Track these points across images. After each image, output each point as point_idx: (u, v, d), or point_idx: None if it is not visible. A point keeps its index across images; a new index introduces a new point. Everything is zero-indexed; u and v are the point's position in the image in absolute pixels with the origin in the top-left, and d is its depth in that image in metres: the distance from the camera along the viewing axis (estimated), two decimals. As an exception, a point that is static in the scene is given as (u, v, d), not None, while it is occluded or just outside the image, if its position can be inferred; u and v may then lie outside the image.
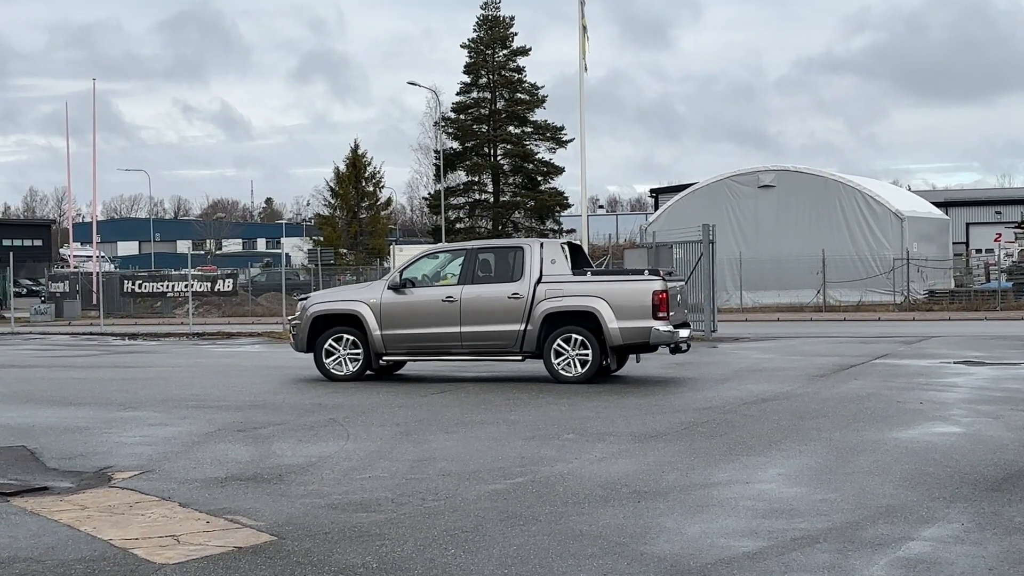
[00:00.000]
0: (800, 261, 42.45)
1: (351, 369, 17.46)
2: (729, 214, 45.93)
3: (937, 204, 58.78)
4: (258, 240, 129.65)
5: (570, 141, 66.19)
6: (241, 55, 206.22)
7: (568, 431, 12.00)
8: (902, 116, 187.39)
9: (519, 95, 67.06)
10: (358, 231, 62.93)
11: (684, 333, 16.92)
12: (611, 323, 16.40)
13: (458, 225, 67.09)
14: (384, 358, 17.50)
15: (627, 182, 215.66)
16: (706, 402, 14.29)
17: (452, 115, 67.88)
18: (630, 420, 12.76)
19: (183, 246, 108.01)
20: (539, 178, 67.20)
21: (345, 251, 62.12)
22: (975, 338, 25.64)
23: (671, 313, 16.53)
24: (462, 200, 68.43)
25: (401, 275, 17.43)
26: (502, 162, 67.15)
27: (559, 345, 16.58)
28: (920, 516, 7.87)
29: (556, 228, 68.33)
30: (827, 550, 7.03)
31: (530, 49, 67.02)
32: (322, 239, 62.58)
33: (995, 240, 60.42)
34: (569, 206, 69.68)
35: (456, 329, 16.92)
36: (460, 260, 17.41)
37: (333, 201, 64.72)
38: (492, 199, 67.37)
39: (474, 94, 67.64)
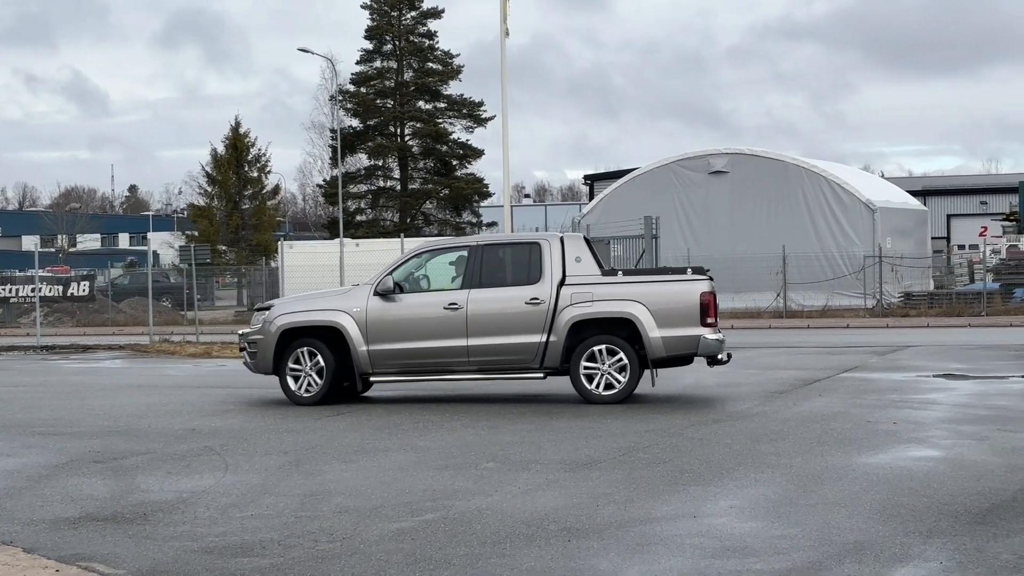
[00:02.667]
0: (757, 259, 42.90)
1: (313, 392, 16.86)
2: (675, 204, 46.32)
3: (914, 193, 59.82)
4: (120, 235, 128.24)
5: (490, 119, 66.30)
6: (96, 15, 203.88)
7: (487, 459, 12.03)
8: (873, 92, 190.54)
9: (430, 65, 67.01)
10: (240, 224, 62.47)
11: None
12: (652, 332, 16.15)
13: (359, 217, 66.89)
14: (372, 378, 16.92)
15: (557, 167, 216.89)
16: (648, 423, 14.40)
17: (351, 88, 67.60)
18: (560, 445, 12.82)
19: (29, 242, 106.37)
20: (454, 162, 67.21)
21: (224, 248, 61.71)
22: (957, 348, 26.13)
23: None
24: (364, 188, 68.19)
25: (390, 278, 16.80)
26: (411, 143, 67.07)
27: (589, 359, 16.30)
28: (893, 554, 8.00)
29: (474, 220, 68.41)
30: (786, 594, 7.12)
31: (443, 11, 67.02)
32: (197, 234, 62.03)
33: (980, 234, 61.65)
34: (490, 195, 69.80)
35: (461, 343, 16.48)
36: (462, 259, 17.02)
37: (210, 189, 64.20)
38: (399, 186, 67.25)
39: (377, 63, 67.45)
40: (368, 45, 67.35)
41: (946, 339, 29.66)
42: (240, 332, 18.22)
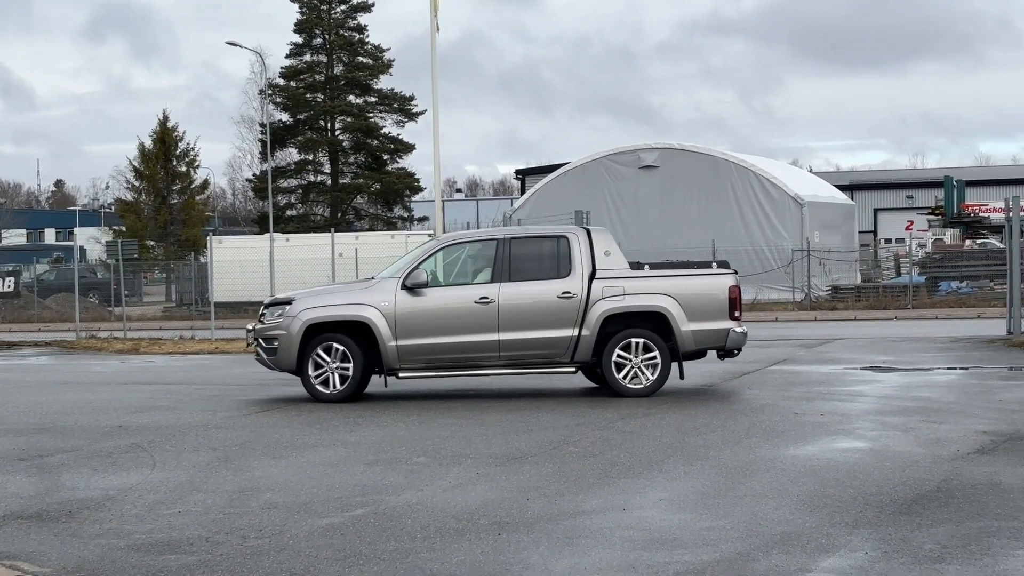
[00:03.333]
0: (687, 253, 43.07)
1: (341, 387, 16.38)
2: (606, 198, 46.51)
3: (842, 187, 60.46)
4: (46, 231, 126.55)
5: (421, 113, 66.12)
6: (21, 7, 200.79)
7: (418, 453, 12.02)
8: (801, 87, 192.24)
9: (361, 59, 66.72)
10: (168, 219, 61.94)
11: None
12: (683, 325, 16.32)
13: (289, 212, 66.48)
14: (400, 375, 16.57)
15: (489, 162, 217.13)
16: (578, 417, 14.45)
17: (281, 82, 67.18)
18: (491, 439, 12.84)
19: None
20: (385, 156, 66.97)
21: (153, 243, 61.17)
22: (884, 340, 26.45)
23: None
24: (294, 182, 67.76)
25: (423, 271, 16.47)
26: (341, 137, 66.74)
27: (620, 353, 16.35)
28: (819, 544, 8.09)
29: (406, 215, 68.25)
30: (714, 585, 7.18)
31: (373, 5, 66.72)
32: (124, 229, 61.43)
33: (906, 228, 62.45)
34: (421, 189, 69.62)
35: (493, 337, 16.30)
36: (490, 252, 16.74)
37: (138, 184, 63.60)
38: (330, 181, 66.92)
39: (307, 57, 67.04)
40: (297, 39, 66.93)
41: (873, 332, 30.01)
42: (249, 327, 17.59)
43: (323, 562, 7.87)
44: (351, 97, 67.04)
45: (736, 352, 16.98)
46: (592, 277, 16.44)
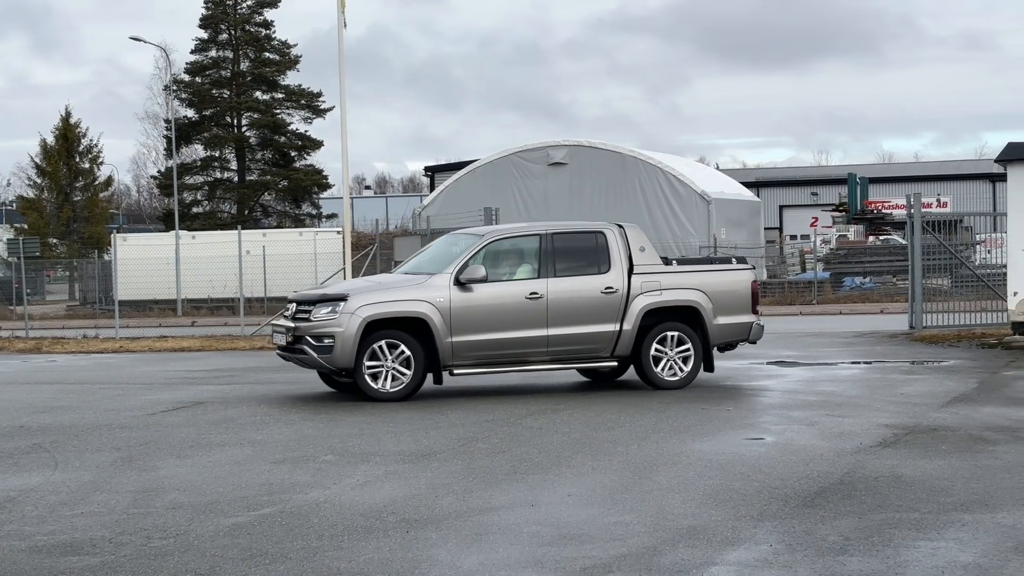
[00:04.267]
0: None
1: (401, 385, 15.96)
2: (516, 195, 46.62)
3: (748, 184, 61.14)
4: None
5: (329, 110, 65.83)
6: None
7: (326, 452, 11.97)
8: (708, 85, 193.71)
9: (267, 55, 66.26)
10: (71, 217, 61.11)
11: None
12: (713, 319, 16.85)
13: (195, 209, 65.86)
14: (455, 371, 16.33)
15: (398, 159, 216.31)
16: (488, 414, 14.47)
17: (186, 77, 66.53)
18: (400, 437, 12.81)
19: None
20: (293, 153, 66.57)
21: (56, 241, 60.28)
22: (789, 335, 26.77)
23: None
24: (200, 179, 67.14)
25: (481, 267, 16.23)
26: (248, 134, 66.23)
27: (657, 346, 16.67)
28: (725, 537, 8.18)
29: (314, 212, 67.88)
30: (621, 580, 7.23)
31: (279, 0, 66.31)
32: (26, 227, 60.49)
33: (811, 225, 63.24)
34: (329, 186, 69.30)
35: (542, 332, 16.33)
36: (533, 247, 16.67)
37: (40, 181, 62.72)
38: (237, 178, 66.38)
39: (213, 52, 66.45)
40: (203, 34, 66.31)
41: (778, 327, 30.33)
42: (278, 323, 16.91)
43: (229, 562, 7.81)
44: (258, 93, 66.57)
45: (733, 347, 17.72)
46: (630, 272, 16.71)
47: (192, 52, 66.58)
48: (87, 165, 63.26)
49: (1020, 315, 22.06)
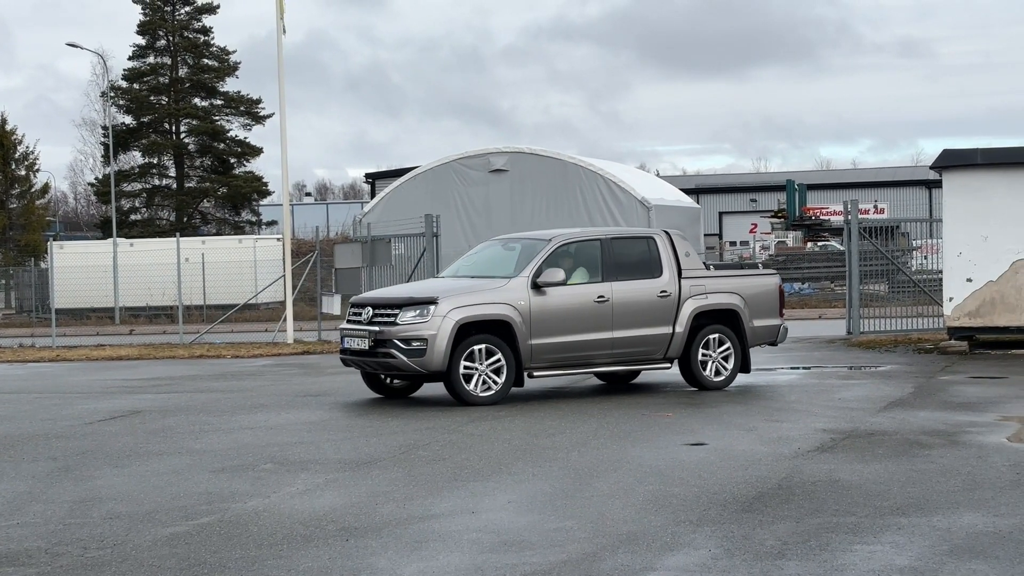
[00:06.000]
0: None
1: (493, 391, 15.91)
2: (457, 202, 46.56)
3: (687, 191, 61.26)
4: None
5: (269, 117, 65.66)
6: None
7: (265, 460, 11.91)
8: (647, 91, 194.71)
9: (206, 61, 65.94)
10: (7, 224, 60.44)
11: None
12: (750, 322, 17.49)
13: (133, 216, 65.46)
14: (535, 373, 16.37)
15: (338, 165, 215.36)
16: (428, 420, 14.45)
17: (124, 84, 66.09)
18: (339, 445, 12.77)
19: None
20: (232, 160, 66.31)
21: (-9, 249, 59.61)
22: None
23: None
24: (138, 186, 66.73)
25: (560, 270, 16.30)
26: (187, 141, 65.87)
27: (703, 349, 17.19)
28: (664, 543, 8.22)
29: (254, 219, 67.58)
30: (561, 586, 7.24)
31: (218, 6, 66.03)
32: (-39, 234, 59.77)
33: (751, 231, 63.81)
34: (269, 193, 69.01)
35: (608, 335, 16.63)
36: (595, 251, 16.93)
37: (-25, 188, 61.96)
38: (175, 185, 65.94)
39: (151, 59, 66.07)
40: (141, 40, 65.93)
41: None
42: (373, 329, 16.00)
43: (167, 572, 7.75)
44: (196, 100, 66.25)
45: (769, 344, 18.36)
46: (680, 276, 17.15)
47: (130, 58, 66.20)
48: (23, 172, 62.67)
49: (956, 320, 22.32)
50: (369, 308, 16.42)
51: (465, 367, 15.81)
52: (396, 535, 8.61)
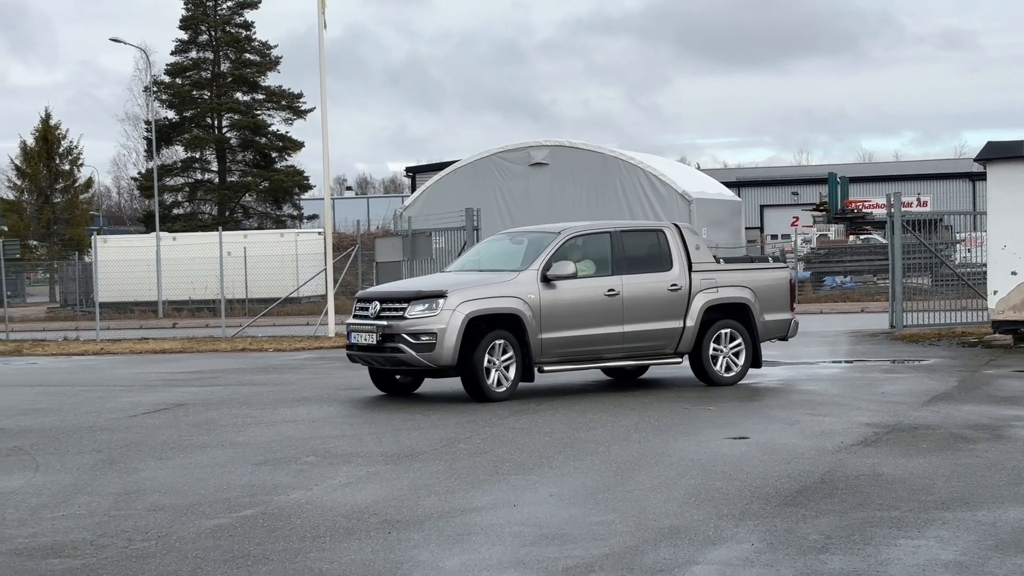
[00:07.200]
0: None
1: (505, 386, 15.68)
2: (497, 196, 46.57)
3: (729, 184, 61.18)
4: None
5: (310, 111, 65.78)
6: None
7: (308, 453, 11.95)
8: (687, 85, 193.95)
9: (248, 56, 66.18)
10: (52, 218, 60.95)
11: None
12: (761, 316, 17.28)
13: (176, 211, 65.76)
14: (545, 368, 16.15)
15: (379, 160, 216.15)
16: (469, 414, 14.46)
17: (166, 79, 66.40)
18: (381, 438, 12.80)
19: None
20: (274, 154, 66.51)
21: (36, 243, 60.12)
22: (770, 335, 26.77)
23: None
24: (181, 180, 67.05)
25: (571, 263, 16.12)
26: (229, 135, 66.14)
27: (714, 344, 16.93)
28: (706, 537, 8.19)
29: (295, 213, 67.80)
30: (603, 579, 7.23)
31: (259, 1, 66.22)
32: (6, 229, 60.24)
33: (792, 224, 63.50)
34: (310, 187, 69.23)
35: (618, 329, 16.45)
36: (604, 244, 16.73)
37: (19, 183, 62.58)
38: (217, 179, 66.25)
39: (193, 54, 66.35)
40: (183, 35, 66.21)
41: (760, 327, 30.38)
42: (381, 323, 15.73)
43: (211, 563, 7.79)
44: (238, 94, 66.49)
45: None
46: (690, 270, 16.93)
47: (172, 53, 66.52)
48: (67, 167, 63.14)
49: (1000, 313, 22.14)
50: (376, 302, 16.15)
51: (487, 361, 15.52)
52: (438, 528, 8.62)
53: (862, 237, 53.47)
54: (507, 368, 15.70)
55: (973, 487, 9.65)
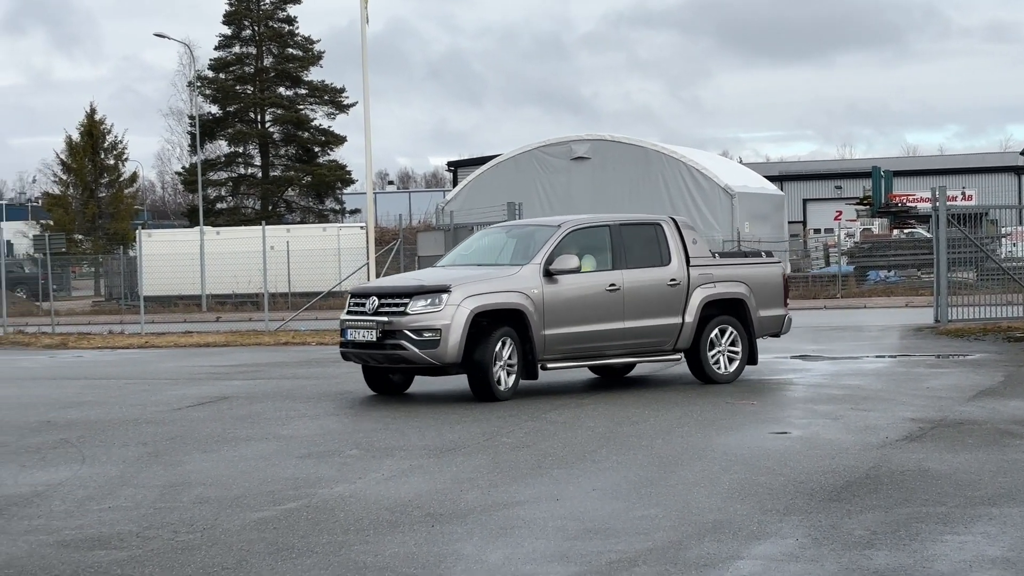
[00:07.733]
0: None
1: (508, 384, 15.25)
2: (539, 190, 46.63)
3: (771, 178, 60.91)
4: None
5: (352, 105, 65.90)
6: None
7: (351, 446, 11.98)
8: (729, 78, 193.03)
9: (290, 50, 66.38)
10: (97, 213, 61.35)
11: None
12: (756, 312, 17.07)
13: (219, 205, 66.06)
14: (548, 365, 15.80)
15: (420, 154, 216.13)
16: (511, 408, 14.46)
17: (210, 74, 66.71)
18: (424, 431, 12.82)
19: None
20: (316, 149, 66.69)
21: (81, 237, 60.53)
22: (813, 329, 26.67)
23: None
24: (224, 175, 67.35)
25: (574, 257, 15.73)
26: (272, 130, 66.37)
27: (713, 339, 16.66)
28: (750, 532, 8.16)
29: (338, 208, 67.99)
30: (647, 574, 7.21)
31: (302, -4, 66.37)
32: (52, 223, 60.75)
33: (835, 218, 63.07)
34: (353, 182, 69.38)
35: (619, 325, 16.13)
36: (604, 238, 16.40)
37: (65, 177, 63.01)
38: (261, 173, 66.52)
39: (236, 49, 66.61)
40: (226, 30, 66.48)
41: (803, 321, 30.21)
42: (381, 319, 15.16)
43: (255, 556, 7.82)
44: (281, 89, 66.73)
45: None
46: (688, 265, 16.70)
47: (216, 48, 66.80)
48: (112, 161, 63.49)
49: (1046, 308, 21.93)
50: (374, 298, 15.52)
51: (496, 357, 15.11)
52: (481, 521, 8.62)
53: (906, 231, 53.10)
54: (511, 365, 15.34)
55: (1020, 483, 9.56)
